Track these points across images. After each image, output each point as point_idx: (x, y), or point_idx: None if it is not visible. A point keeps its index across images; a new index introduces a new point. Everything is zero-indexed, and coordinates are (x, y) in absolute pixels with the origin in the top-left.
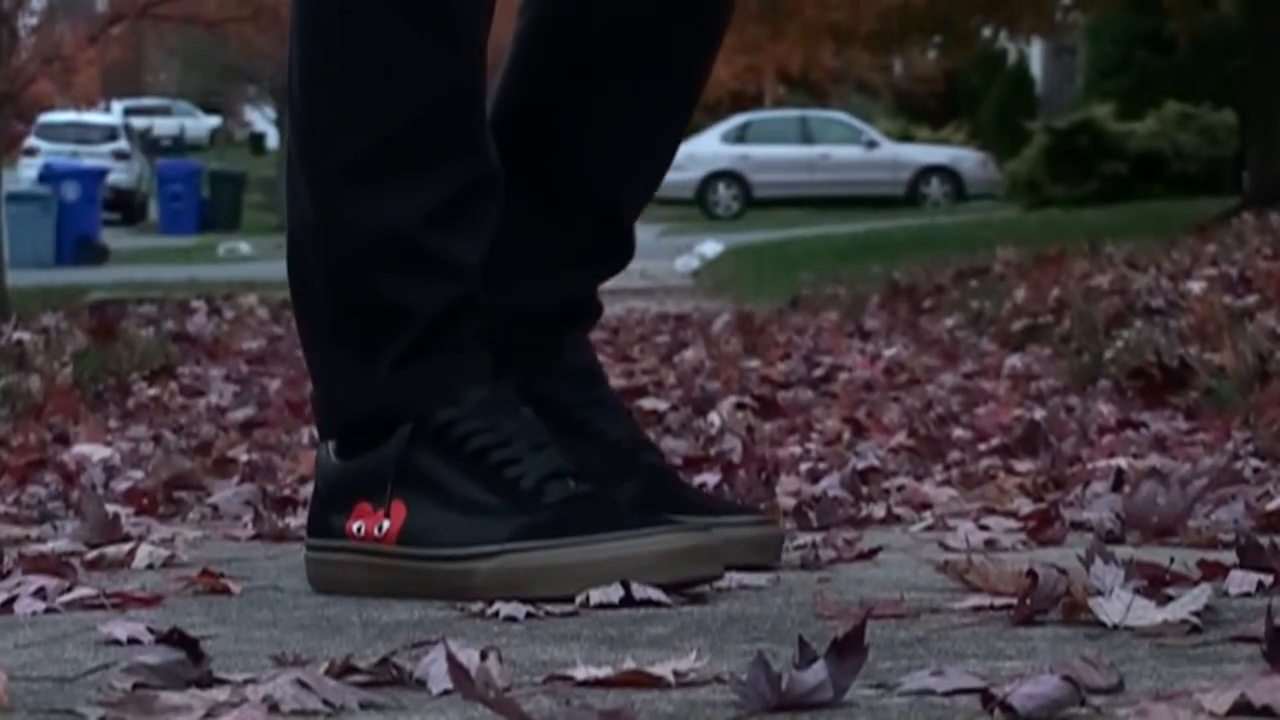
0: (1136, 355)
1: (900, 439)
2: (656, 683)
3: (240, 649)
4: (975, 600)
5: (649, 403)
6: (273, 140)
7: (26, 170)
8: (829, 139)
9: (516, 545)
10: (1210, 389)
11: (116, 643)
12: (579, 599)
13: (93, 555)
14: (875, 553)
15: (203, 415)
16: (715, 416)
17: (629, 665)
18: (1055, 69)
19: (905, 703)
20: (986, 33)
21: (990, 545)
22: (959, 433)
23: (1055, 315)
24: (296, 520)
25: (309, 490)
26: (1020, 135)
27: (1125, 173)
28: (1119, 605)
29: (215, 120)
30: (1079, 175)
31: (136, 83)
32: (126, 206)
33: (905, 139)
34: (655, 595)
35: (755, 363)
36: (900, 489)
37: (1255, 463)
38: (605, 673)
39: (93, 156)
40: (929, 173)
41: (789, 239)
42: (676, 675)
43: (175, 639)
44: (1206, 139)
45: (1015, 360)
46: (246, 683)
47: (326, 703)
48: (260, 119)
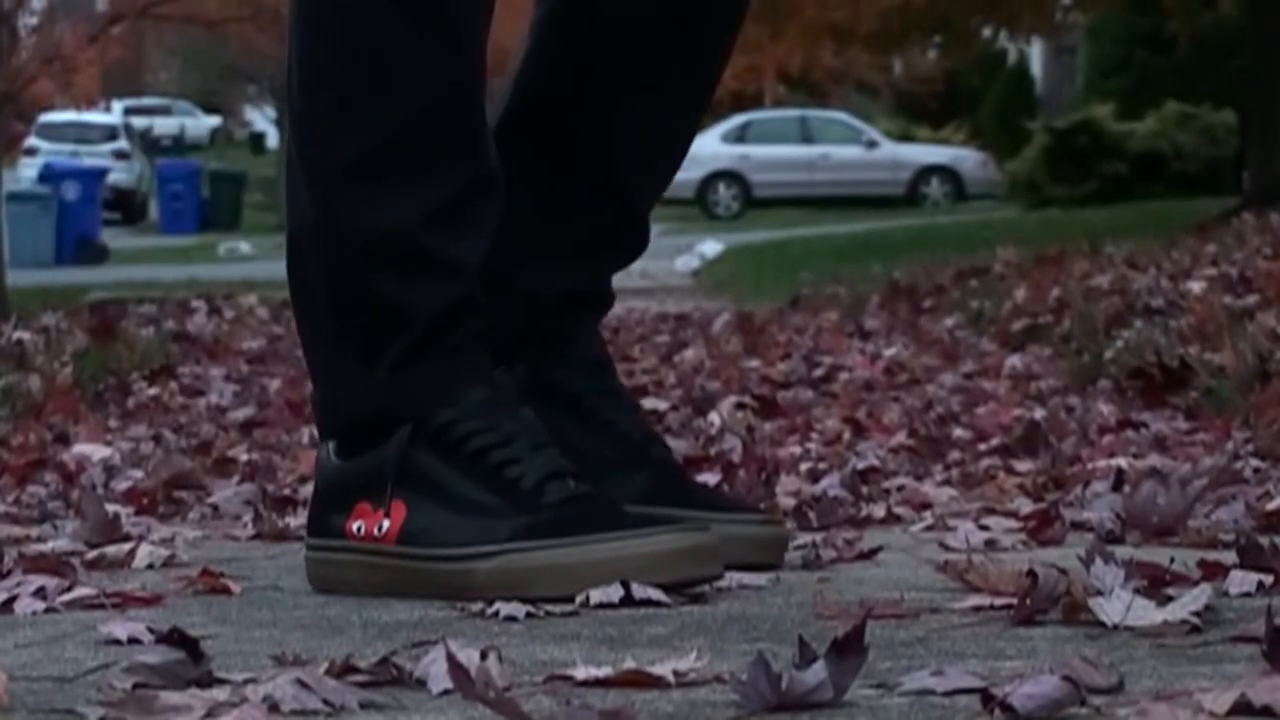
0: (1136, 355)
1: (900, 439)
2: (656, 683)
3: (240, 649)
4: (975, 600)
5: (649, 402)
6: (273, 140)
7: (26, 170)
8: (829, 139)
9: (516, 545)
10: (1210, 389)
11: (116, 642)
12: (579, 599)
13: (93, 555)
14: (875, 553)
15: (203, 415)
16: (715, 416)
17: (629, 665)
18: (1055, 69)
19: (905, 703)
20: (986, 33)
21: (990, 545)
22: (959, 433)
23: (1055, 315)
24: (296, 520)
25: (309, 490)
26: (1020, 135)
27: (1125, 173)
28: (1119, 605)
29: (215, 120)
30: (1079, 175)
31: (136, 82)
32: (126, 206)
33: (905, 139)
34: (655, 595)
35: (755, 362)
36: (900, 489)
37: (1255, 463)
38: (605, 673)
39: (93, 156)
40: (929, 173)
41: (789, 239)
42: (676, 675)
43: (175, 639)
44: (1206, 139)
45: (1015, 360)
46: (246, 682)
47: (326, 703)
48: (260, 119)
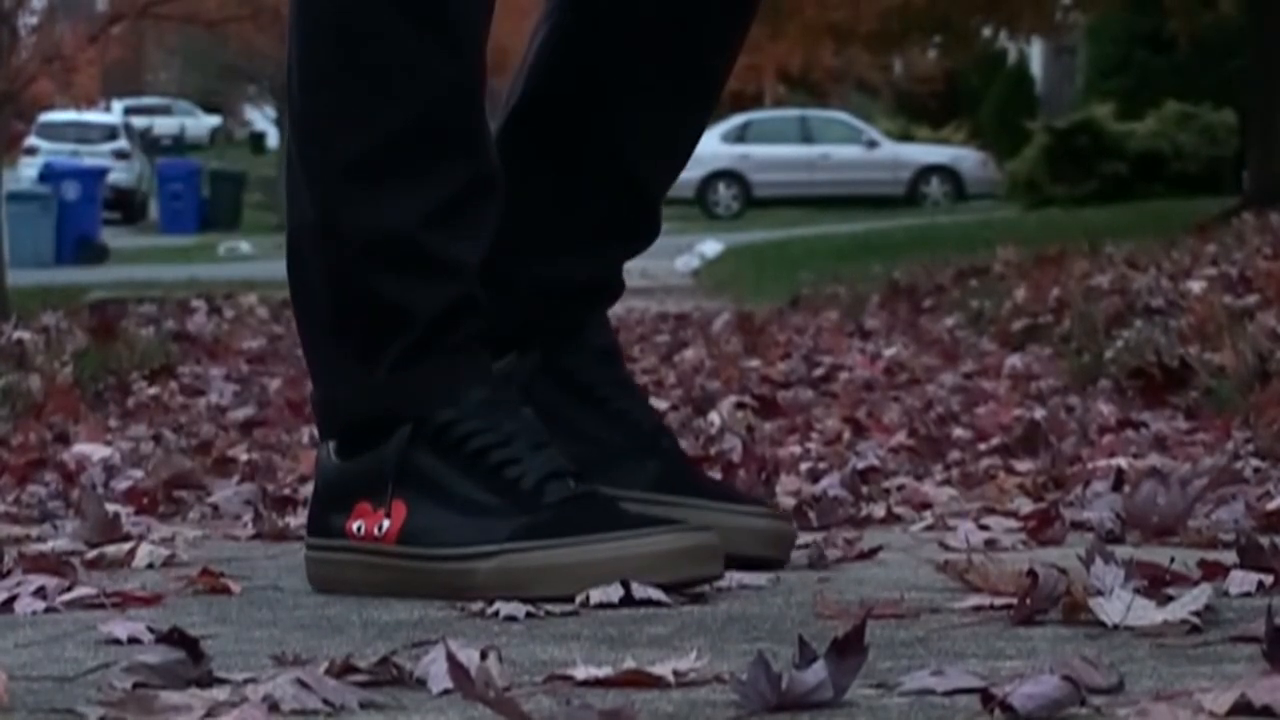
0: (1136, 355)
1: (900, 439)
2: (656, 683)
3: (240, 649)
4: (975, 600)
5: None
6: (273, 140)
7: (27, 170)
8: (829, 139)
9: (516, 545)
10: (1210, 389)
11: (116, 642)
12: (579, 599)
13: (93, 555)
14: (875, 553)
15: (203, 415)
16: (715, 416)
17: (629, 665)
18: (1055, 69)
19: (905, 703)
20: (986, 33)
21: (990, 545)
22: (959, 432)
23: (1055, 315)
24: (296, 520)
25: (309, 490)
26: (1020, 135)
27: (1125, 173)
28: (1119, 605)
29: (215, 120)
30: (1079, 175)
31: (136, 82)
32: (127, 206)
33: (905, 139)
34: (655, 595)
35: (755, 362)
36: (900, 489)
37: (1255, 463)
38: (605, 673)
39: (93, 156)
40: (929, 172)
41: (789, 239)
42: (676, 675)
43: (175, 638)
44: (1206, 139)
45: (1015, 360)
46: (246, 682)
47: (326, 702)
48: (260, 118)
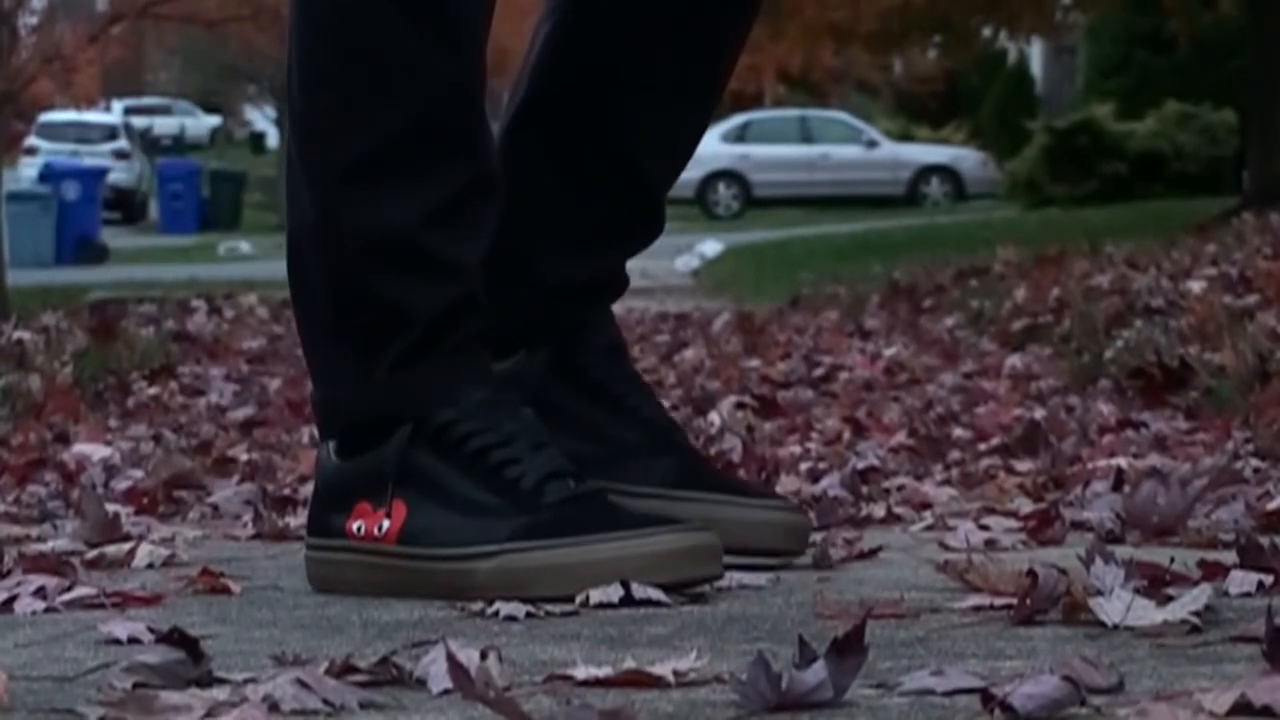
0: (1136, 355)
1: (900, 439)
2: (656, 683)
3: (240, 649)
4: (975, 600)
5: None
6: (273, 140)
7: (27, 170)
8: (829, 139)
9: (517, 545)
10: (1210, 389)
11: (116, 642)
12: (579, 599)
13: (93, 555)
14: (875, 553)
15: (203, 415)
16: (715, 416)
17: (629, 665)
18: (1055, 69)
19: (905, 703)
20: (986, 33)
21: (990, 545)
22: (959, 432)
23: (1055, 315)
24: (296, 520)
25: (309, 490)
26: (1020, 135)
27: (1125, 173)
28: (1119, 605)
29: (215, 120)
30: (1079, 175)
31: (136, 82)
32: (127, 206)
33: (905, 139)
34: (655, 595)
35: (755, 362)
36: (900, 489)
37: (1255, 463)
38: (605, 673)
39: (93, 156)
40: (929, 172)
41: (789, 239)
42: (676, 675)
43: (175, 638)
44: (1206, 139)
45: (1015, 360)
46: (246, 682)
47: (326, 702)
48: (260, 118)
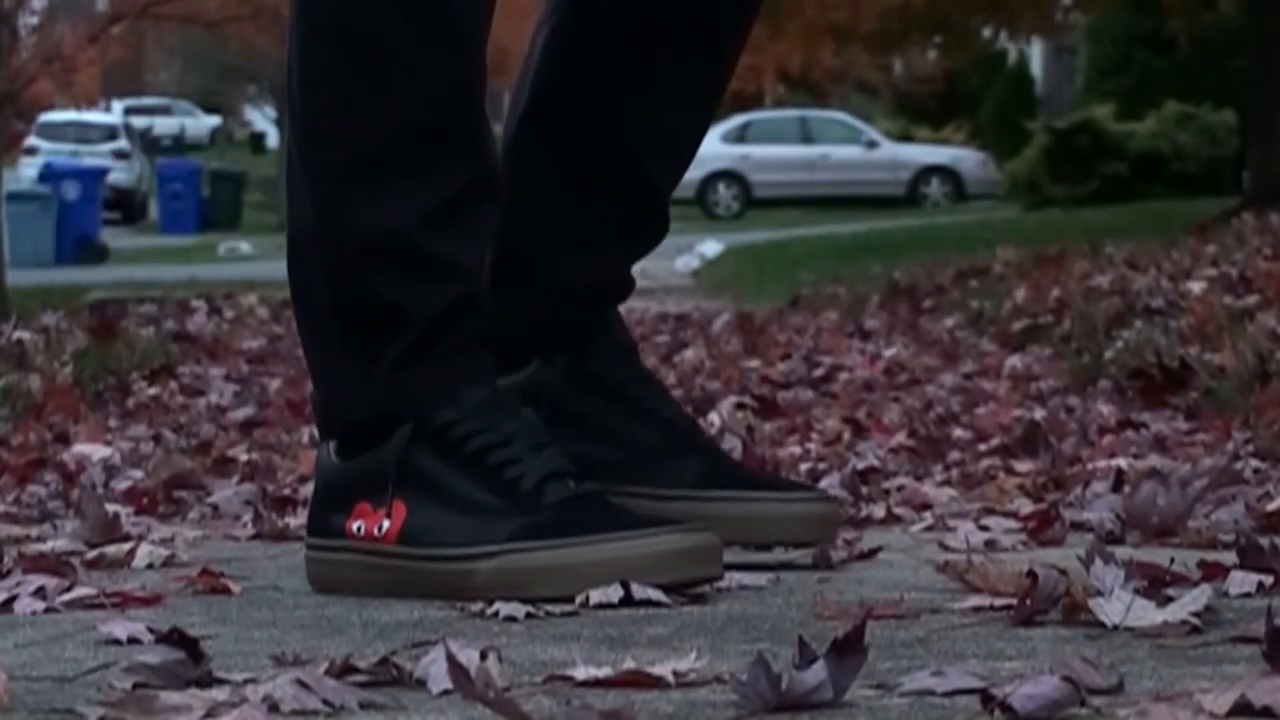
0: (1136, 355)
1: (900, 439)
2: (656, 683)
3: (240, 649)
4: (975, 600)
5: None
6: (273, 140)
7: (27, 170)
8: (829, 139)
9: (517, 545)
10: (1210, 389)
11: (116, 642)
12: (579, 599)
13: (93, 555)
14: (875, 553)
15: (203, 415)
16: (715, 416)
17: (629, 665)
18: (1055, 69)
19: (905, 703)
20: (986, 33)
21: (990, 545)
22: (959, 433)
23: (1055, 315)
24: (296, 520)
25: (309, 490)
26: (1020, 135)
27: (1125, 173)
28: (1119, 606)
29: (215, 120)
30: (1079, 175)
31: (137, 82)
32: (127, 206)
33: (905, 139)
34: (655, 595)
35: (755, 363)
36: (900, 489)
37: (1255, 463)
38: (605, 673)
39: (93, 156)
40: (929, 173)
41: (789, 239)
42: (676, 675)
43: (175, 639)
44: (1206, 139)
45: (1015, 360)
46: (246, 683)
47: (326, 703)
48: (260, 118)
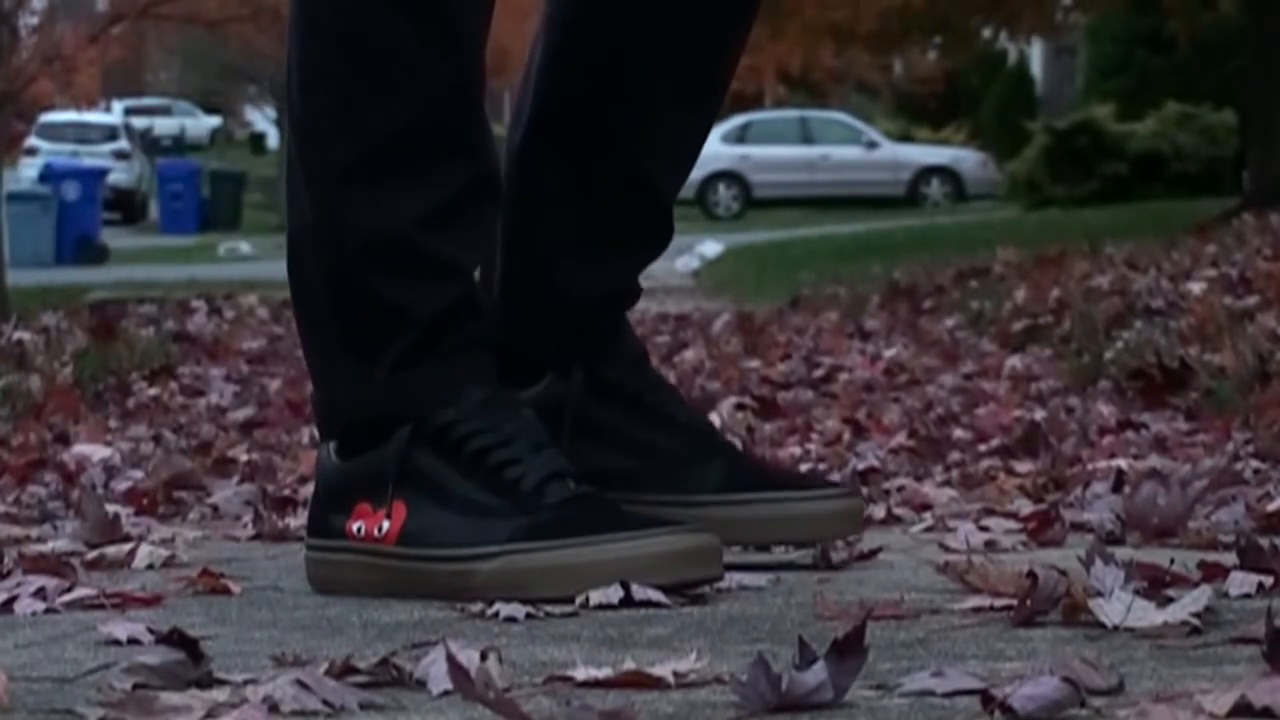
0: (1137, 356)
1: (900, 439)
2: (656, 683)
3: (240, 649)
4: (975, 601)
5: None
6: (273, 140)
7: (27, 170)
8: (829, 139)
9: (517, 546)
10: (1210, 390)
11: (116, 643)
12: (579, 600)
13: (93, 555)
14: (875, 553)
15: (203, 415)
16: (715, 417)
17: (629, 666)
18: (1055, 69)
19: (905, 704)
20: (986, 33)
21: (990, 546)
22: (959, 433)
23: (1055, 316)
24: (296, 520)
25: (309, 490)
26: (1020, 135)
27: (1125, 173)
28: (1119, 606)
29: (215, 120)
30: (1079, 175)
31: (137, 83)
32: (127, 206)
33: (905, 139)
34: (655, 596)
35: (755, 363)
36: (900, 489)
37: (1255, 464)
38: (605, 673)
39: (93, 156)
40: (929, 173)
41: (789, 239)
42: (676, 676)
43: (175, 639)
44: (1206, 139)
45: (1015, 361)
46: (246, 683)
47: (326, 703)
48: (260, 119)
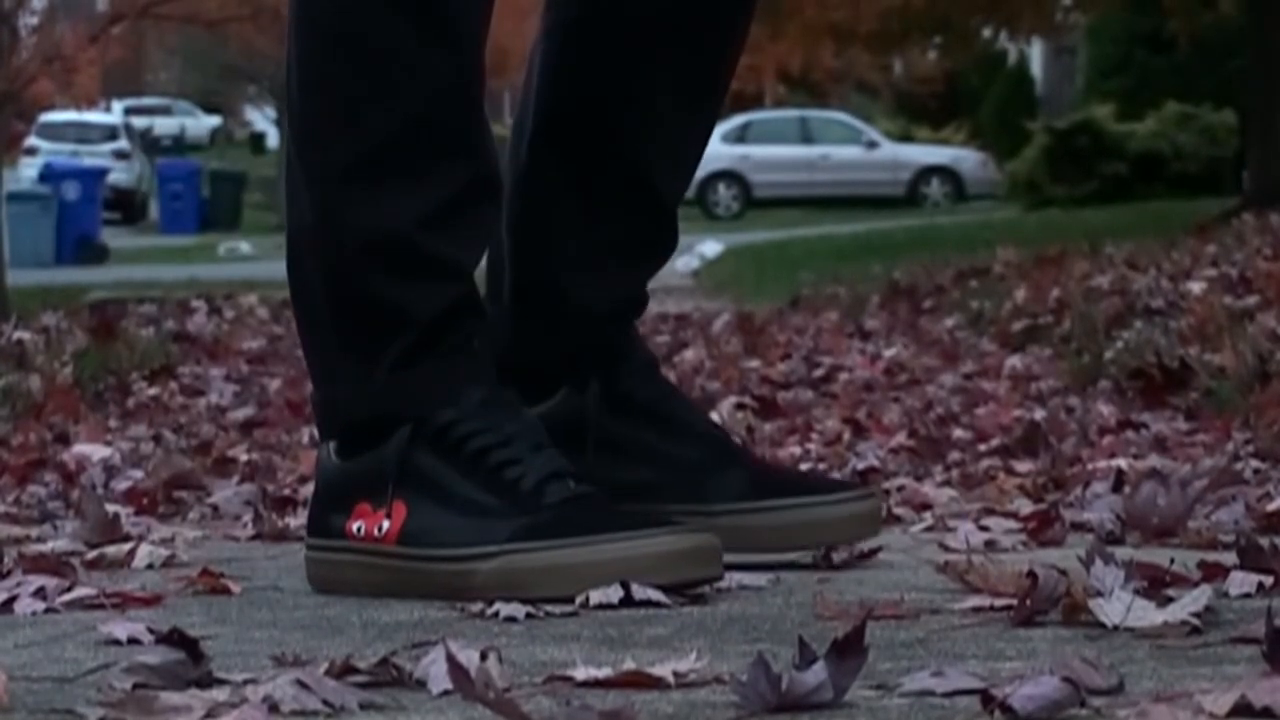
0: (1137, 356)
1: (900, 439)
2: (656, 683)
3: (240, 649)
4: (975, 601)
5: None
6: (273, 140)
7: (27, 170)
8: (829, 139)
9: (517, 546)
10: (1210, 390)
11: (116, 643)
12: (579, 599)
13: (93, 555)
14: (875, 553)
15: (203, 415)
16: (715, 417)
17: (629, 665)
18: (1055, 69)
19: (905, 704)
20: (986, 33)
21: (990, 546)
22: (959, 433)
23: (1055, 316)
24: (296, 520)
25: (309, 490)
26: (1020, 135)
27: (1125, 173)
28: (1119, 606)
29: (215, 120)
30: (1079, 175)
31: (137, 82)
32: (127, 206)
33: (905, 139)
34: (655, 596)
35: (755, 363)
36: (900, 489)
37: (1255, 463)
38: (605, 673)
39: (93, 156)
40: (929, 173)
41: (789, 239)
42: (676, 676)
43: (175, 639)
44: (1206, 139)
45: (1015, 361)
46: (246, 683)
47: (326, 703)
48: (260, 119)
